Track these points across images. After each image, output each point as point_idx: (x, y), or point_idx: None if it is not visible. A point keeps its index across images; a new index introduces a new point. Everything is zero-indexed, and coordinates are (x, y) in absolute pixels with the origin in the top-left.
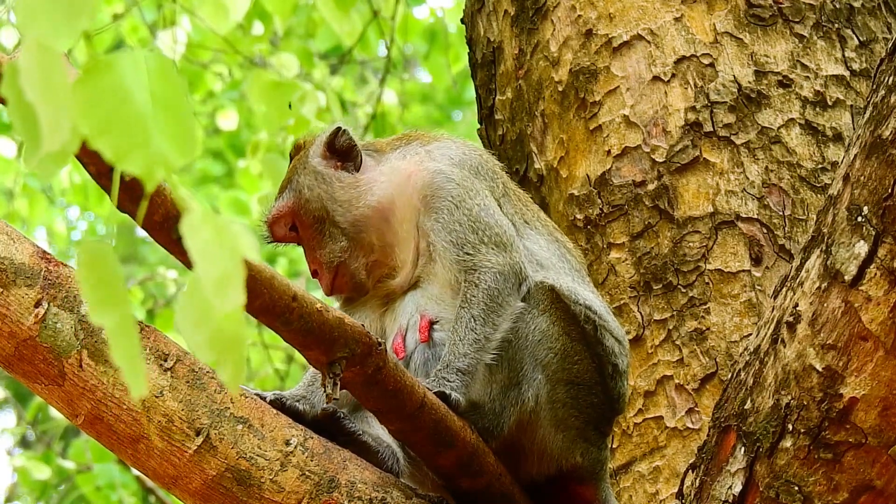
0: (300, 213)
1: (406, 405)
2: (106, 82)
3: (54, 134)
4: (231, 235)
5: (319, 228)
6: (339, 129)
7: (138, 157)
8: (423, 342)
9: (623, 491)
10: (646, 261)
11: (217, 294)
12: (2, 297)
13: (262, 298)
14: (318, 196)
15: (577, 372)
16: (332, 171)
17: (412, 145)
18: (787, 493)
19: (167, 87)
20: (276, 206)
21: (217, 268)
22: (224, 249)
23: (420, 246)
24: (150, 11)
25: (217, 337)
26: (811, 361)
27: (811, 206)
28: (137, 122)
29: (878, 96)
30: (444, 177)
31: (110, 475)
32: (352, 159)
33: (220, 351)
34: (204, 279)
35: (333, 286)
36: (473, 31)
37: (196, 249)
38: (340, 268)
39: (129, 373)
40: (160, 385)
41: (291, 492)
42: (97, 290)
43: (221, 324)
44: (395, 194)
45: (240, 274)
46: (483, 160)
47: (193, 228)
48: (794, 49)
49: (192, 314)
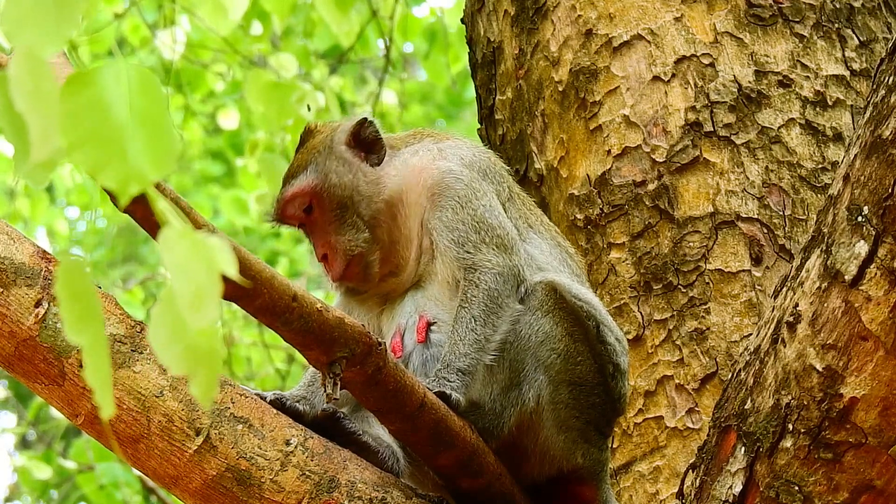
0: (323, 196)
1: (406, 405)
2: (86, 95)
3: (44, 143)
4: (208, 251)
5: (341, 215)
6: (364, 120)
7: (114, 171)
8: (421, 343)
9: (623, 491)
10: (646, 261)
11: (192, 309)
12: (2, 297)
13: (262, 298)
14: (345, 184)
15: (579, 373)
16: (358, 162)
17: (425, 142)
18: (787, 493)
19: (148, 99)
20: (298, 182)
21: (193, 283)
22: (201, 265)
23: (423, 244)
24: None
25: (190, 352)
26: (811, 361)
27: (811, 206)
28: (115, 135)
29: (878, 96)
30: (454, 176)
31: (113, 474)
32: (375, 152)
33: (193, 366)
34: (179, 294)
35: (344, 274)
36: (473, 31)
37: (172, 264)
38: (356, 258)
39: (100, 392)
40: (160, 385)
41: (291, 492)
42: (73, 307)
43: (195, 339)
44: (404, 190)
45: (216, 290)
46: (492, 163)
47: (170, 243)
48: (794, 49)
49: (165, 329)
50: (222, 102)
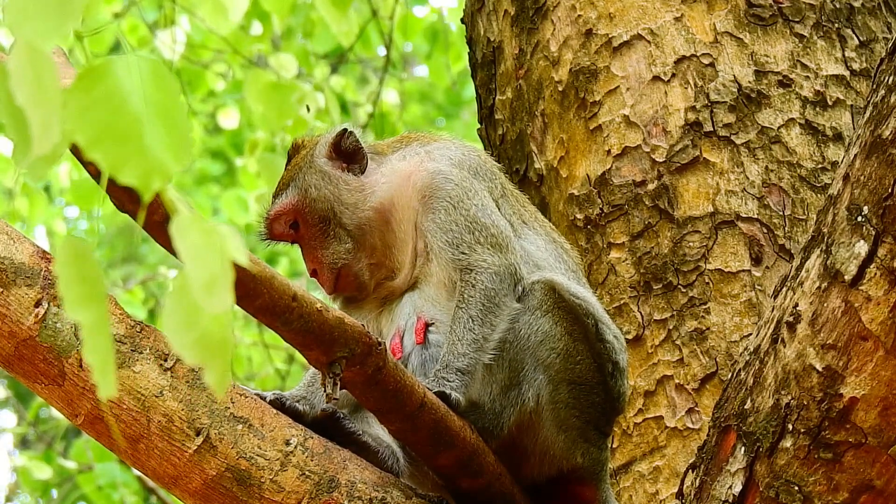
0: (304, 212)
1: (406, 405)
2: (100, 90)
3: (45, 137)
4: (220, 238)
5: (323, 229)
6: (345, 131)
7: (134, 166)
8: (419, 343)
9: (623, 491)
10: (646, 261)
11: (206, 296)
12: (2, 296)
13: (262, 298)
14: (325, 196)
15: (579, 372)
16: (339, 173)
17: (412, 146)
18: (787, 493)
19: (161, 91)
20: (279, 202)
21: (206, 269)
22: (213, 251)
23: (418, 247)
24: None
25: (204, 340)
26: (811, 361)
27: (811, 205)
28: (133, 130)
29: (878, 96)
30: (443, 177)
31: (112, 474)
32: (357, 161)
33: (206, 354)
34: (193, 281)
35: (336, 287)
36: (473, 31)
37: (185, 251)
38: (343, 269)
39: (99, 371)
40: (160, 385)
41: (291, 492)
42: (75, 286)
43: (209, 326)
44: (394, 196)
45: (229, 276)
46: (482, 161)
47: (182, 230)
48: (794, 49)
49: (179, 316)
50: (222, 102)
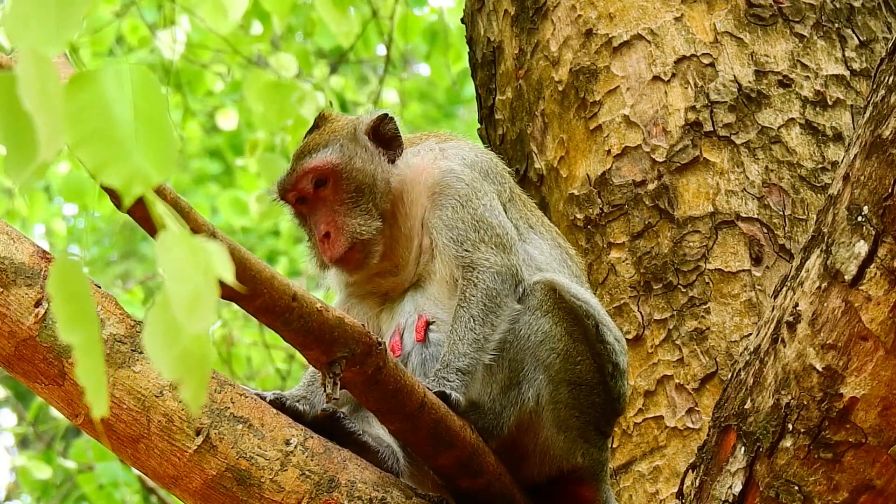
0: (342, 175)
1: (406, 405)
2: (89, 94)
3: (51, 142)
4: (205, 255)
5: (356, 198)
6: (385, 116)
7: (117, 170)
8: (419, 342)
9: (623, 491)
10: (646, 261)
11: (187, 315)
12: (2, 296)
13: (262, 298)
14: (368, 171)
15: (579, 372)
16: (379, 155)
17: (428, 142)
18: (787, 493)
19: (149, 101)
20: (320, 156)
21: (189, 288)
22: (197, 270)
23: (423, 243)
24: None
25: (183, 358)
26: (811, 361)
27: (811, 205)
28: (118, 135)
29: (878, 96)
30: (455, 176)
31: (113, 474)
32: (393, 149)
33: (185, 371)
34: (175, 299)
35: (343, 257)
36: (473, 31)
37: (169, 268)
38: (361, 244)
39: (92, 392)
40: (160, 385)
41: (291, 491)
42: (67, 306)
43: (189, 345)
44: (405, 190)
45: (212, 295)
46: (493, 164)
47: (167, 247)
48: (794, 49)
49: (160, 332)
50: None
